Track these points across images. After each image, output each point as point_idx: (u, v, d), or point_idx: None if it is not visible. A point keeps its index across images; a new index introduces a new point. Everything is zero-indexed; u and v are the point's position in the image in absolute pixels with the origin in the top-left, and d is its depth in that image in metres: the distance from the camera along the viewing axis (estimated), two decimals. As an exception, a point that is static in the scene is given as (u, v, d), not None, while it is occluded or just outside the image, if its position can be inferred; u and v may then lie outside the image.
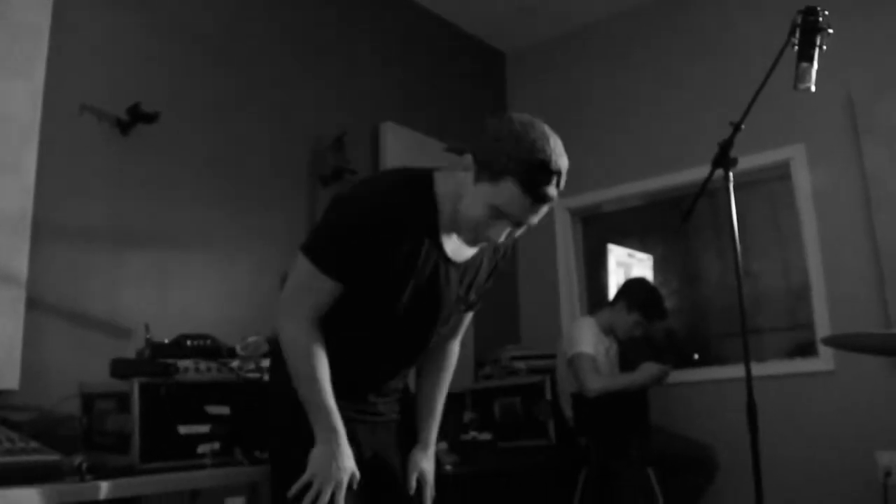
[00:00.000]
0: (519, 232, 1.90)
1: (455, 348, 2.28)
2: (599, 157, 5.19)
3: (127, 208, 3.26)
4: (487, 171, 1.77)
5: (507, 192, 1.75)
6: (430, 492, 2.17)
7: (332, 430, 1.88)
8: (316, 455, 1.88)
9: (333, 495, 1.85)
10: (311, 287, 1.90)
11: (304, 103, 4.12)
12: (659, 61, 5.08)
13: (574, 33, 5.49)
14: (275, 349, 2.07)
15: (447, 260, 1.96)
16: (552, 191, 1.77)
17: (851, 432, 4.05)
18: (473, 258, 2.04)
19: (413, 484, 2.13)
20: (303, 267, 1.90)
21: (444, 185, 1.92)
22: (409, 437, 2.21)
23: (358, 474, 1.91)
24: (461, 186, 1.84)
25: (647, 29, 5.17)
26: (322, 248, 1.90)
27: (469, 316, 2.24)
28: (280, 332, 1.95)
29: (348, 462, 1.89)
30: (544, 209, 1.81)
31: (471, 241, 1.92)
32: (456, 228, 1.91)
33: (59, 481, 2.04)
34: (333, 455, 1.87)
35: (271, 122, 3.93)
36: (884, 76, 4.19)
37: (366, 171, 4.28)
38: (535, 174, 1.74)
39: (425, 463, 2.18)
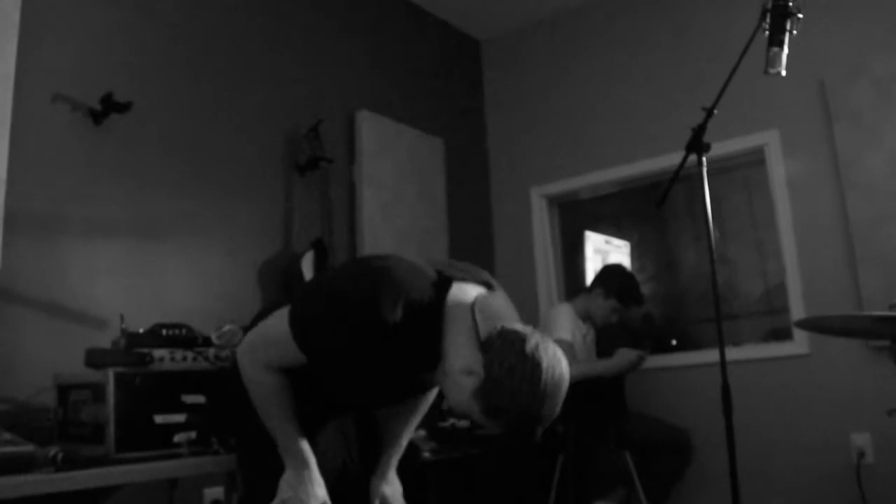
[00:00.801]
0: None
1: (430, 396, 2.25)
2: (575, 143, 5.21)
3: (100, 198, 3.24)
4: (484, 400, 1.73)
5: (498, 423, 1.76)
6: None
7: (303, 464, 1.88)
8: (286, 479, 1.87)
9: None
10: (279, 345, 1.84)
11: (279, 92, 4.10)
12: (633, 48, 5.09)
13: (548, 20, 5.49)
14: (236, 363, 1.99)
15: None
16: (536, 435, 1.81)
17: (826, 414, 4.10)
18: None
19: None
20: (282, 325, 1.83)
21: (453, 321, 1.83)
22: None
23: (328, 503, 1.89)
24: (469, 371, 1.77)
25: (621, 15, 5.18)
26: (308, 328, 1.83)
27: None
28: (241, 368, 1.92)
29: (319, 490, 1.88)
30: None
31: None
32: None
33: (34, 472, 2.03)
34: (303, 482, 1.86)
35: (246, 112, 3.91)
36: (855, 62, 4.22)
37: (342, 160, 4.27)
38: (524, 426, 1.78)
39: (385, 488, 2.16)
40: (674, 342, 5.03)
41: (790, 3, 2.57)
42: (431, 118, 4.94)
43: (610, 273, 4.46)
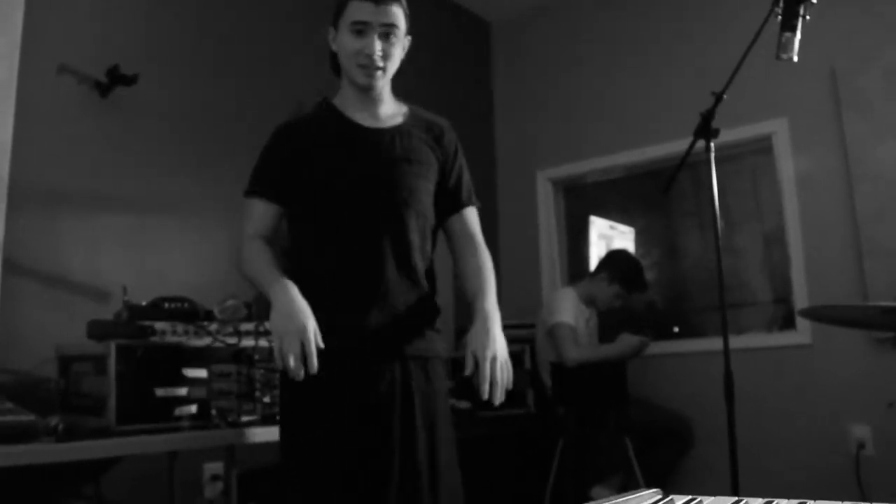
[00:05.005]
0: (392, 44, 2.06)
1: (485, 255, 2.18)
2: (582, 128, 5.19)
3: (105, 171, 3.23)
4: (335, 16, 2.07)
5: (352, 9, 2.02)
6: (489, 372, 1.85)
7: (276, 280, 1.92)
8: (272, 318, 1.86)
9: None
10: (246, 214, 2.11)
11: (285, 67, 4.08)
12: (643, 32, 5.06)
13: (559, 4, 5.45)
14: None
15: (359, 127, 2.10)
16: None
17: (826, 405, 4.10)
18: (396, 127, 2.14)
19: (470, 367, 1.87)
20: (245, 206, 2.14)
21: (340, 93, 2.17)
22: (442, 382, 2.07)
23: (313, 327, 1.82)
24: (340, 55, 2.10)
25: (631, 0, 5.15)
26: (249, 182, 2.15)
27: (471, 217, 2.22)
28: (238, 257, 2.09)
29: (309, 322, 1.83)
30: (394, 9, 2.04)
31: (363, 77, 2.05)
32: (350, 79, 2.11)
33: (35, 442, 2.04)
34: (285, 310, 1.84)
35: (252, 89, 3.89)
36: (866, 50, 4.19)
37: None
38: None
39: (482, 337, 1.91)
40: (676, 329, 5.03)
41: (804, -11, 2.55)
42: (438, 100, 4.91)
43: (614, 259, 4.46)
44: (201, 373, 2.45)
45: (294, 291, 1.89)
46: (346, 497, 1.89)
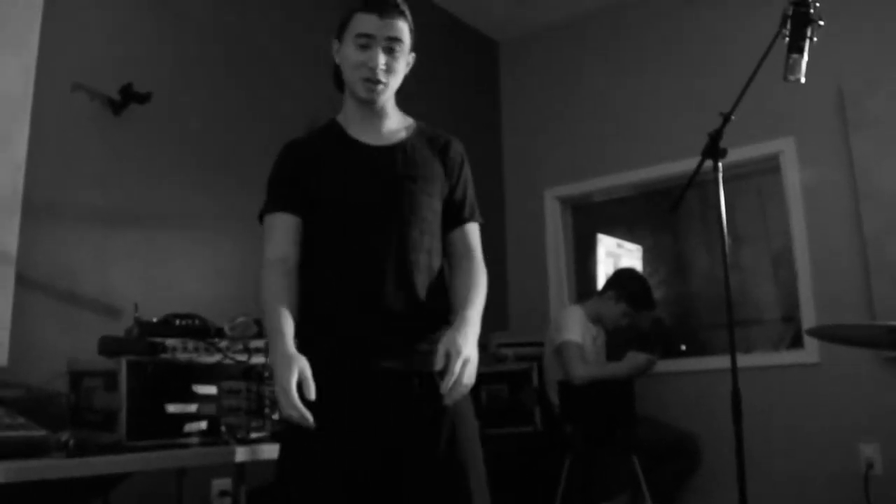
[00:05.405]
0: (396, 58, 2.08)
1: (474, 269, 2.11)
2: (590, 146, 5.21)
3: (118, 187, 3.25)
4: (340, 28, 2.09)
5: (357, 21, 2.04)
6: (457, 369, 1.80)
7: (274, 331, 1.89)
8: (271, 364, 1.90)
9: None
10: (265, 236, 2.07)
11: (296, 88, 4.11)
12: (651, 52, 5.09)
13: (567, 24, 5.49)
14: None
15: (360, 145, 2.10)
16: (389, 1, 2.06)
17: (835, 424, 4.09)
18: (400, 143, 2.13)
19: (441, 362, 1.82)
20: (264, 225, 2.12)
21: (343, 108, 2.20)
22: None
23: (303, 371, 1.80)
24: (343, 68, 2.11)
25: (640, 20, 5.18)
26: (264, 203, 2.13)
27: (471, 232, 2.17)
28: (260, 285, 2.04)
29: (284, 373, 1.79)
30: (399, 24, 2.08)
31: (365, 91, 2.06)
32: (352, 92, 2.11)
33: (46, 457, 2.05)
34: (275, 367, 1.84)
35: (263, 106, 3.92)
36: (874, 70, 4.21)
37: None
38: None
39: (457, 337, 1.85)
40: (683, 347, 5.02)
41: (811, 11, 2.57)
42: (447, 119, 4.93)
43: (622, 277, 4.46)
44: (211, 389, 2.46)
45: (283, 344, 1.85)
46: None
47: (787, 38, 2.60)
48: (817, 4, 2.60)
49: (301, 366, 1.79)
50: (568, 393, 4.09)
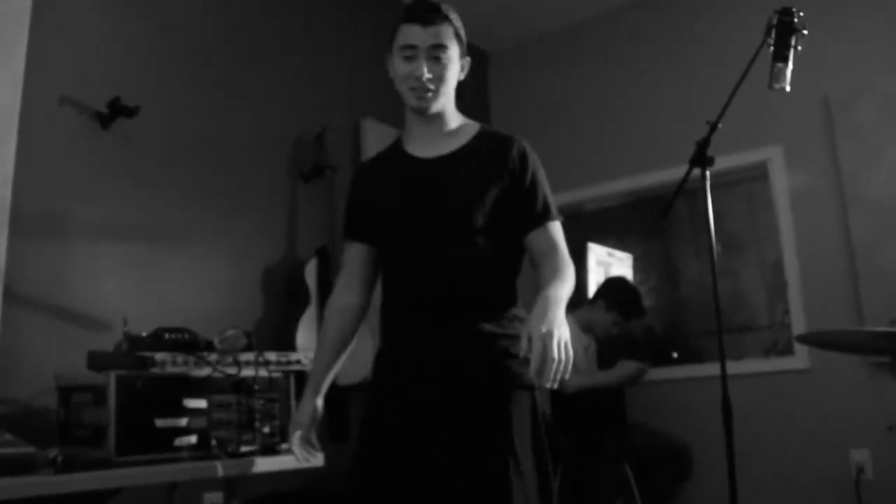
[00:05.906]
0: (443, 65, 2.07)
1: (559, 262, 2.22)
2: (580, 156, 5.22)
3: (106, 201, 3.25)
4: (389, 41, 2.11)
5: (401, 34, 2.07)
6: (540, 347, 1.76)
7: (308, 384, 2.21)
8: None
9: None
10: (342, 262, 2.29)
11: (285, 99, 4.12)
12: (638, 62, 5.11)
13: (555, 33, 5.51)
14: None
15: (415, 160, 2.14)
16: (430, 9, 2.06)
17: (825, 430, 4.10)
18: (457, 151, 2.13)
19: (525, 347, 1.79)
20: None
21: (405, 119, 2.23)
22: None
23: (302, 431, 2.18)
24: (394, 81, 2.13)
25: (627, 29, 5.20)
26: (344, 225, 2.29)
27: (551, 232, 2.24)
28: None
29: (297, 416, 2.21)
30: (443, 30, 2.05)
31: (414, 100, 2.09)
32: (405, 102, 2.14)
33: (34, 474, 2.04)
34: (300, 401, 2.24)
35: (252, 118, 3.92)
36: (860, 78, 4.23)
37: (346, 168, 4.27)
38: (412, 7, 2.07)
39: (539, 316, 1.85)
40: (675, 355, 5.03)
41: (795, 20, 2.59)
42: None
43: (612, 286, 4.47)
44: (201, 403, 2.46)
45: (307, 389, 2.21)
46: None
47: (772, 48, 2.61)
48: (801, 14, 2.61)
49: (308, 410, 2.18)
50: (559, 402, 4.09)
